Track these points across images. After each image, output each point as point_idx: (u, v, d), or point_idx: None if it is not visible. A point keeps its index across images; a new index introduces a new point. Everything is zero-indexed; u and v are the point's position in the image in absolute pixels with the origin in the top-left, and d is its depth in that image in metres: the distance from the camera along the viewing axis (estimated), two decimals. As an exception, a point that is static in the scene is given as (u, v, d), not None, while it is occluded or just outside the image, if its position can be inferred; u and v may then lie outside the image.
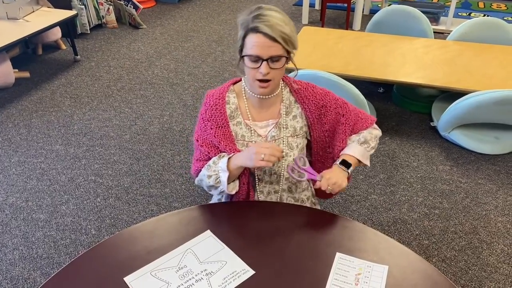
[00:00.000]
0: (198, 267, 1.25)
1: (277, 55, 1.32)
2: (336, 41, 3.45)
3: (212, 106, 1.48)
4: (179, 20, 5.27)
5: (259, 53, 1.31)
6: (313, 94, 1.51)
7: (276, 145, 1.46)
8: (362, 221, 2.42)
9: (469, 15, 5.40)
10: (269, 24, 1.29)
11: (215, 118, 1.47)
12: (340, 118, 1.54)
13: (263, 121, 1.49)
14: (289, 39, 1.33)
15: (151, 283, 1.21)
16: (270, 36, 1.29)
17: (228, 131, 1.48)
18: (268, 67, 1.33)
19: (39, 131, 3.22)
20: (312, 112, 1.51)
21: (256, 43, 1.31)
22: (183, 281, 1.21)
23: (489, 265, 2.17)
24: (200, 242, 1.33)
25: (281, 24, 1.30)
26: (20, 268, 2.17)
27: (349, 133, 1.56)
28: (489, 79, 2.92)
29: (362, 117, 1.59)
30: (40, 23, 3.73)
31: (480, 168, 2.82)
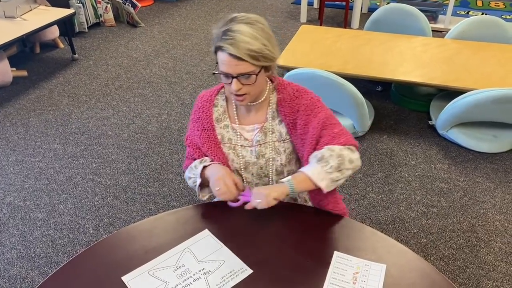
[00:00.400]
0: (196, 266, 1.25)
1: (246, 73, 1.28)
2: (334, 39, 3.45)
3: (200, 108, 1.50)
4: (177, 19, 5.26)
5: (228, 71, 1.29)
6: (292, 99, 1.44)
7: (233, 187, 1.36)
8: (360, 220, 2.42)
9: (468, 13, 5.41)
10: (234, 42, 1.24)
11: (202, 120, 1.49)
12: (310, 122, 1.42)
13: (250, 125, 1.48)
14: (258, 55, 1.26)
15: (149, 282, 1.21)
16: (235, 55, 1.25)
17: (213, 134, 1.48)
18: (239, 84, 1.30)
19: (37, 130, 3.21)
20: (286, 115, 1.44)
21: (224, 62, 1.28)
22: (181, 280, 1.21)
23: (487, 264, 2.18)
24: (198, 241, 1.33)
25: (249, 40, 1.24)
26: (18, 268, 2.17)
27: (315, 139, 1.41)
28: (487, 77, 2.92)
29: (337, 132, 1.41)
30: (38, 21, 3.72)
31: (478, 167, 2.83)
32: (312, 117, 1.42)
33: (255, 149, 1.48)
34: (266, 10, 5.49)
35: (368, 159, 2.90)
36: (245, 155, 1.49)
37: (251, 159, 1.49)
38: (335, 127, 1.42)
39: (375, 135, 3.14)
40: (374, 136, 3.13)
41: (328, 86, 2.78)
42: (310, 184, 1.35)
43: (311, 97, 1.45)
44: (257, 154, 1.48)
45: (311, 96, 1.45)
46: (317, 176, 1.34)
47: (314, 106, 1.43)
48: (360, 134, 3.09)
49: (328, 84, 2.75)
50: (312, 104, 1.43)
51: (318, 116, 1.41)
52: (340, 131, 1.42)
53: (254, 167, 1.50)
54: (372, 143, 3.05)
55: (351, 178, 2.74)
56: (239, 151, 1.49)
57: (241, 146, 1.49)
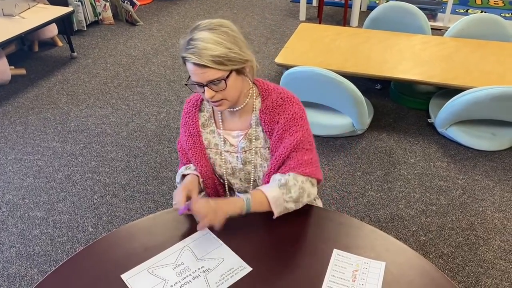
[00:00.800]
0: (196, 264, 1.25)
1: (214, 79, 1.25)
2: (333, 37, 3.45)
3: (186, 113, 1.49)
4: (176, 17, 5.26)
5: (197, 80, 1.27)
6: (274, 107, 1.40)
7: (180, 201, 1.33)
8: (359, 218, 2.42)
9: (467, 11, 5.40)
10: (196, 51, 1.22)
11: (188, 126, 1.48)
12: (284, 139, 1.38)
13: (235, 131, 1.46)
14: (224, 60, 1.23)
15: (148, 280, 1.21)
16: (199, 64, 1.23)
17: (199, 140, 1.47)
18: (211, 91, 1.28)
19: (36, 128, 3.21)
20: (266, 123, 1.41)
21: (191, 71, 1.27)
22: (180, 278, 1.21)
23: (486, 261, 2.18)
24: (197, 239, 1.32)
25: (211, 47, 1.22)
26: (17, 266, 2.16)
27: (282, 159, 1.38)
28: (486, 75, 2.92)
29: (306, 160, 1.38)
30: (36, 19, 3.72)
31: (477, 165, 2.83)
32: (288, 134, 1.38)
33: (240, 156, 1.46)
34: (265, 8, 5.48)
35: (367, 157, 2.90)
36: (231, 160, 1.48)
37: (237, 165, 1.48)
38: (306, 153, 1.39)
39: (374, 133, 3.14)
40: (373, 134, 3.13)
41: (327, 84, 2.77)
42: (265, 207, 1.33)
43: (294, 111, 1.39)
44: (242, 161, 1.46)
45: (294, 110, 1.39)
46: (275, 202, 1.32)
47: (294, 122, 1.38)
48: (359, 132, 3.09)
49: (327, 82, 2.75)
50: (293, 119, 1.38)
51: (294, 135, 1.37)
52: (309, 159, 1.39)
53: (241, 172, 1.49)
54: (371, 141, 3.06)
55: (350, 176, 2.74)
56: (225, 157, 1.48)
57: (227, 151, 1.47)
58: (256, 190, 1.36)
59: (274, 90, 1.42)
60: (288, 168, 1.36)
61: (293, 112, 1.39)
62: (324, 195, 2.59)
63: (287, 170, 1.37)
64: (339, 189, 2.64)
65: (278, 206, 1.33)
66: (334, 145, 3.02)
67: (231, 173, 1.50)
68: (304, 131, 1.40)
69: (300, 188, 1.35)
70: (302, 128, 1.39)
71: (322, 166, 2.81)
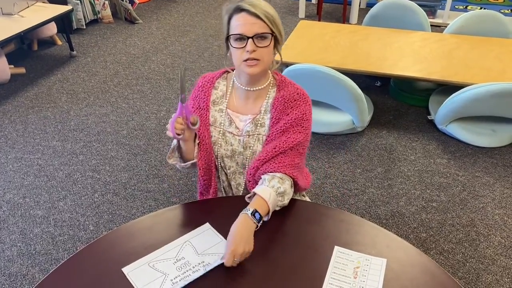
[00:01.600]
0: (196, 259, 1.25)
1: (262, 32, 1.33)
2: (333, 35, 3.44)
3: (200, 87, 1.53)
4: (175, 15, 5.25)
5: (243, 31, 1.32)
6: (290, 99, 1.44)
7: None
8: (360, 215, 2.43)
9: (466, 8, 5.40)
10: (252, 3, 1.32)
11: (199, 99, 1.52)
12: (286, 134, 1.42)
13: (244, 115, 1.49)
14: (273, 19, 1.34)
15: (149, 274, 1.21)
16: (252, 12, 1.31)
17: (206, 115, 1.50)
18: (254, 45, 1.33)
19: (36, 127, 3.21)
20: (276, 110, 1.44)
21: (240, 22, 1.32)
22: (181, 272, 1.21)
23: (487, 257, 2.18)
24: (199, 235, 1.33)
25: (266, 5, 1.33)
26: (18, 265, 2.17)
27: (277, 151, 1.41)
28: (486, 72, 2.92)
29: (297, 163, 1.43)
30: (35, 18, 3.71)
31: (477, 161, 2.83)
32: (292, 131, 1.43)
33: (243, 139, 1.49)
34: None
35: (368, 154, 2.90)
36: (233, 143, 1.51)
37: (238, 148, 1.51)
38: (299, 157, 1.45)
39: (374, 130, 3.14)
40: (373, 131, 3.13)
41: (327, 81, 2.77)
42: (264, 209, 1.33)
43: (305, 111, 1.45)
44: (244, 144, 1.49)
45: (306, 110, 1.45)
46: (271, 207, 1.35)
47: (302, 122, 1.44)
48: (359, 130, 3.09)
49: (327, 79, 2.74)
50: (302, 119, 1.44)
51: (297, 135, 1.43)
52: (298, 163, 1.44)
53: (240, 156, 1.52)
54: (371, 138, 3.06)
55: (350, 173, 2.74)
56: (228, 138, 1.51)
57: (230, 133, 1.50)
58: (257, 197, 1.34)
59: (291, 84, 1.49)
60: (282, 165, 1.40)
61: (304, 111, 1.44)
62: (324, 192, 2.60)
63: (279, 166, 1.40)
64: (339, 186, 2.64)
65: (272, 210, 1.37)
66: (334, 142, 3.02)
67: (230, 155, 1.52)
68: (306, 134, 1.45)
69: (289, 197, 1.42)
70: (306, 130, 1.45)
71: (322, 163, 2.82)
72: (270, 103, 1.47)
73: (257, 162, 1.44)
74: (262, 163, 1.43)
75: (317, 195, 2.58)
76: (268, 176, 1.40)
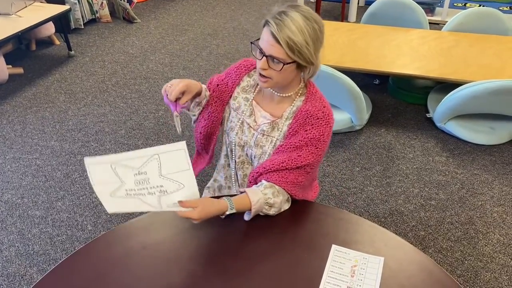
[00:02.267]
0: (156, 180, 1.20)
1: (277, 57, 1.28)
2: (331, 33, 3.44)
3: (236, 67, 1.54)
4: (173, 14, 5.24)
5: (263, 47, 1.30)
6: (312, 116, 1.39)
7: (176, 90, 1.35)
8: (358, 213, 2.43)
9: (465, 5, 5.39)
10: (280, 23, 1.25)
11: (230, 77, 1.54)
12: (298, 150, 1.40)
13: (266, 112, 1.49)
14: (296, 48, 1.26)
15: (107, 174, 1.17)
16: (274, 35, 1.26)
17: (228, 95, 1.53)
18: (267, 64, 1.31)
19: (34, 127, 3.20)
20: (297, 122, 1.42)
21: (263, 37, 1.30)
22: (136, 188, 1.18)
23: (485, 255, 2.18)
24: (170, 152, 1.20)
25: (295, 30, 1.24)
26: (16, 265, 2.17)
27: (281, 163, 1.40)
28: (484, 69, 2.92)
29: (300, 181, 1.41)
30: (33, 18, 3.70)
31: (475, 159, 2.83)
32: (304, 150, 1.40)
33: (256, 135, 1.48)
34: (263, 4, 5.47)
35: (366, 152, 2.90)
36: (247, 134, 1.51)
37: (249, 142, 1.50)
38: (303, 175, 1.42)
39: (373, 129, 3.13)
40: (372, 129, 3.13)
41: (325, 80, 2.77)
42: (246, 209, 1.35)
43: (324, 133, 1.40)
44: (256, 141, 1.49)
45: (325, 131, 1.40)
46: (253, 212, 1.34)
47: (316, 143, 1.40)
48: (358, 128, 3.09)
49: (325, 77, 2.74)
50: (318, 140, 1.40)
51: (307, 155, 1.40)
52: (302, 181, 1.42)
53: (249, 150, 1.52)
54: (369, 136, 3.05)
55: (349, 171, 2.74)
56: (245, 128, 1.51)
57: (248, 124, 1.50)
58: (244, 196, 1.35)
59: (320, 99, 1.44)
60: (284, 180, 1.39)
61: (323, 133, 1.40)
62: (323, 191, 2.59)
63: (281, 181, 1.39)
64: (338, 185, 2.64)
65: (254, 214, 1.37)
66: (333, 140, 3.01)
67: (242, 144, 1.53)
68: (318, 156, 1.42)
69: (279, 210, 1.40)
70: (318, 151, 1.41)
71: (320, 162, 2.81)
72: (293, 112, 1.45)
73: (261, 169, 1.42)
74: (266, 171, 1.41)
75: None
76: (267, 184, 1.39)
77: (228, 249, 1.30)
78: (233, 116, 1.53)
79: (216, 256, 1.28)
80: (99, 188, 1.18)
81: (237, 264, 1.25)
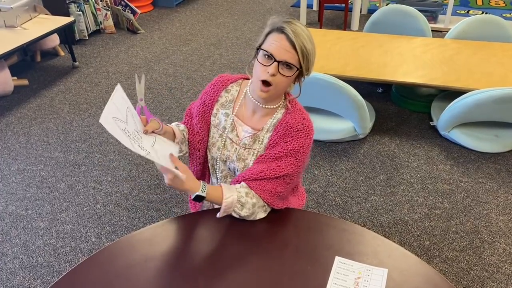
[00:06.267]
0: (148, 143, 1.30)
1: (290, 63, 1.31)
2: (334, 42, 3.45)
3: (213, 85, 1.55)
4: (177, 24, 5.27)
5: (275, 53, 1.31)
6: (292, 128, 1.41)
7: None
8: (362, 223, 2.41)
9: (467, 12, 5.39)
10: (296, 31, 1.30)
11: (207, 95, 1.54)
12: (277, 160, 1.41)
13: (247, 126, 1.49)
14: (307, 56, 1.32)
15: (121, 107, 1.31)
16: (291, 41, 1.29)
17: (209, 113, 1.53)
18: (277, 70, 1.31)
19: (38, 138, 3.22)
20: (277, 134, 1.44)
21: (276, 42, 1.31)
22: (132, 135, 1.26)
23: (491, 265, 2.16)
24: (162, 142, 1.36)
25: (306, 38, 1.32)
26: (20, 277, 2.16)
27: (259, 172, 1.41)
28: (488, 77, 2.91)
29: (279, 191, 1.42)
30: (38, 30, 3.74)
31: (480, 167, 2.81)
32: (284, 161, 1.41)
33: (238, 150, 1.49)
34: (266, 14, 5.49)
35: (370, 161, 2.89)
36: (229, 149, 1.51)
37: (232, 156, 1.51)
38: (282, 185, 1.42)
39: (377, 137, 3.13)
40: (376, 138, 3.12)
41: (327, 89, 2.77)
42: (217, 204, 1.38)
43: (304, 145, 1.41)
44: (238, 156, 1.50)
45: (304, 143, 1.41)
46: (226, 207, 1.36)
47: (296, 155, 1.41)
48: (361, 137, 3.08)
49: (327, 87, 2.74)
50: (298, 152, 1.41)
51: (287, 166, 1.41)
52: (280, 192, 1.42)
53: (231, 164, 1.52)
54: (373, 145, 3.04)
55: (352, 181, 2.73)
56: (227, 143, 1.52)
57: (230, 139, 1.51)
58: (219, 187, 1.38)
59: (300, 111, 1.45)
60: (261, 189, 1.40)
61: (303, 145, 1.42)
62: (326, 201, 2.58)
63: (258, 189, 1.40)
64: (341, 194, 2.63)
65: (225, 212, 1.39)
66: (336, 150, 3.01)
67: (224, 159, 1.53)
68: (297, 167, 1.43)
69: (252, 213, 1.40)
70: (298, 163, 1.42)
71: (324, 171, 2.81)
72: (273, 124, 1.46)
73: (241, 178, 1.44)
74: (245, 180, 1.43)
75: (320, 203, 2.57)
76: (244, 184, 1.41)
77: (231, 262, 1.29)
78: (214, 132, 1.54)
79: (219, 268, 1.27)
80: (110, 106, 1.27)
81: (240, 276, 1.24)
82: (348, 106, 2.84)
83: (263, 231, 1.39)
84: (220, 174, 1.57)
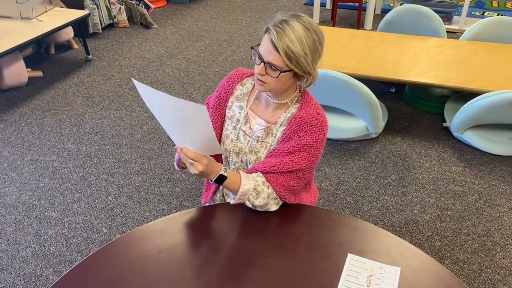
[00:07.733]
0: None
1: (274, 65, 1.30)
2: (347, 40, 3.43)
3: (228, 78, 1.56)
4: (190, 20, 5.29)
5: (262, 53, 1.33)
6: (306, 122, 1.40)
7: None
8: (373, 222, 2.41)
9: (483, 14, 5.34)
10: (280, 33, 1.27)
11: (223, 88, 1.56)
12: (289, 155, 1.41)
13: (260, 119, 1.50)
14: (294, 57, 1.28)
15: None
16: (273, 43, 1.28)
17: (224, 106, 1.55)
18: (264, 70, 1.33)
19: (52, 129, 3.25)
20: (290, 129, 1.43)
21: (263, 43, 1.33)
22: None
23: (503, 268, 2.14)
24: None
25: (294, 40, 1.27)
26: (32, 266, 2.19)
27: (273, 165, 1.41)
28: (503, 79, 2.88)
29: (292, 185, 1.42)
30: (53, 23, 3.77)
31: (493, 170, 2.79)
32: (297, 155, 1.41)
33: (252, 142, 1.50)
34: (278, 11, 5.48)
35: (382, 161, 2.88)
36: (242, 141, 1.52)
37: (244, 148, 1.52)
38: (296, 181, 1.43)
39: (389, 137, 3.11)
40: (388, 138, 3.11)
41: (341, 87, 2.76)
42: (234, 191, 1.38)
43: (317, 139, 1.41)
44: (250, 148, 1.50)
45: (318, 138, 1.41)
46: (242, 195, 1.37)
47: (310, 150, 1.41)
48: (374, 136, 3.07)
49: (341, 85, 2.73)
50: (311, 146, 1.41)
51: (300, 160, 1.41)
52: (293, 186, 1.43)
53: (244, 157, 1.53)
54: (385, 145, 3.03)
55: (364, 180, 2.72)
56: (240, 136, 1.52)
57: (243, 132, 1.52)
58: (237, 173, 1.39)
59: (315, 106, 1.45)
60: (274, 182, 1.41)
61: (317, 140, 1.42)
62: (337, 199, 2.58)
63: (271, 182, 1.41)
64: (353, 193, 2.62)
65: (240, 199, 1.39)
66: (348, 148, 3.00)
67: (237, 151, 1.54)
68: (310, 162, 1.43)
69: (266, 204, 1.41)
70: (311, 158, 1.42)
71: (335, 170, 2.80)
72: (287, 118, 1.46)
73: (253, 170, 1.45)
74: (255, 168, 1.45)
75: (330, 201, 2.56)
76: (260, 174, 1.42)
77: (243, 256, 1.30)
78: (228, 124, 1.55)
79: (231, 262, 1.28)
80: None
81: (252, 271, 1.25)
82: (361, 105, 2.83)
83: (275, 226, 1.40)
84: (233, 166, 1.57)
